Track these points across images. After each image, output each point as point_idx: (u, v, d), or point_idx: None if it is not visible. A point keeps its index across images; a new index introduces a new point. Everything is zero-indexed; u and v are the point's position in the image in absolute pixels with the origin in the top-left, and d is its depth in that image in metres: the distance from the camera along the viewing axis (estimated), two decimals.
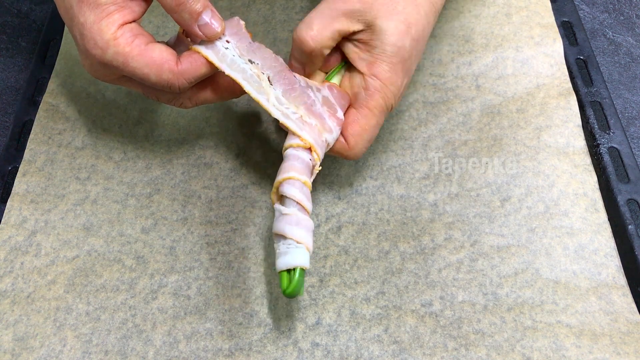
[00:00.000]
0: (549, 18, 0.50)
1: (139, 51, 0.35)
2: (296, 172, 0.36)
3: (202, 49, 0.36)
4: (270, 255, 0.41)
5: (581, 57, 0.49)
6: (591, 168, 0.43)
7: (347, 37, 0.39)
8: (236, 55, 0.37)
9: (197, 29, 0.36)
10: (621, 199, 0.42)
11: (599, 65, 0.49)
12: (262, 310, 0.39)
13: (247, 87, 0.37)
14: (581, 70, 0.48)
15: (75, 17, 0.35)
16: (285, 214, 0.35)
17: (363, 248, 0.41)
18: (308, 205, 0.36)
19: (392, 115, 0.46)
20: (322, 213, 0.43)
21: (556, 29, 0.49)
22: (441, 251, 0.40)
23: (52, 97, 0.49)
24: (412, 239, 0.41)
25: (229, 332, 0.39)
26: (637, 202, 0.42)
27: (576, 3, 0.53)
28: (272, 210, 0.43)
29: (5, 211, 0.44)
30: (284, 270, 0.34)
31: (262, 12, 0.53)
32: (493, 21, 0.50)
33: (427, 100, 0.47)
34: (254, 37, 0.52)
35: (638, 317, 0.37)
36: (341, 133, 0.39)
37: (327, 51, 0.39)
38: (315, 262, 0.41)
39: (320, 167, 0.37)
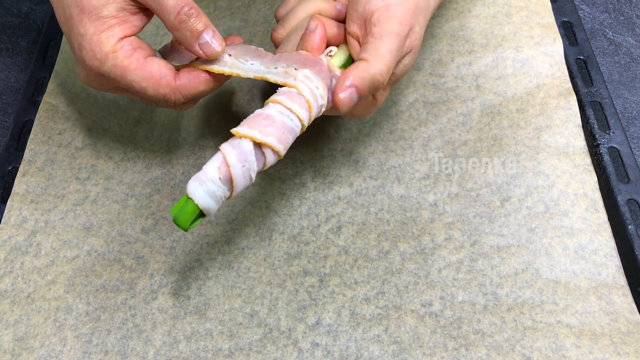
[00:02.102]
0: (549, 18, 0.50)
1: (138, 64, 0.35)
2: (280, 143, 0.34)
3: (206, 65, 0.36)
4: (270, 255, 0.41)
5: (581, 57, 0.49)
6: (591, 168, 0.43)
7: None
8: (247, 63, 0.37)
9: (197, 47, 0.36)
10: (621, 199, 0.42)
11: (599, 65, 0.49)
12: (262, 310, 0.39)
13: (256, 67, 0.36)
14: (581, 70, 0.48)
15: (74, 28, 0.36)
16: (249, 173, 0.33)
17: (363, 248, 0.41)
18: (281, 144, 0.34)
19: (392, 115, 0.46)
20: (322, 213, 0.43)
21: (556, 29, 0.49)
22: (441, 251, 0.40)
23: (52, 97, 0.49)
24: (412, 239, 0.41)
25: (229, 332, 0.39)
26: (637, 202, 0.42)
27: (576, 3, 0.53)
28: (272, 210, 0.43)
29: (5, 211, 0.44)
30: (193, 201, 0.33)
31: (262, 12, 0.53)
32: (493, 21, 0.50)
33: (427, 100, 0.47)
34: (254, 37, 0.52)
35: (638, 317, 0.37)
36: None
37: None
38: (316, 262, 0.41)
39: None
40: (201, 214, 0.34)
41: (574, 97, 0.46)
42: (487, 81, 0.47)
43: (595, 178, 0.42)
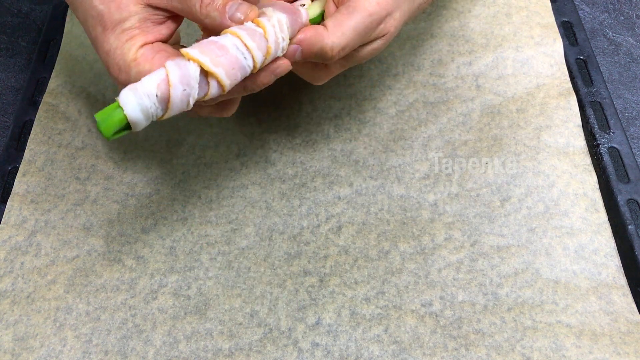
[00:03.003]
0: (549, 18, 0.50)
1: (160, 66, 0.34)
2: (228, 78, 0.33)
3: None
4: (270, 255, 0.41)
5: (581, 57, 0.49)
6: (591, 168, 0.43)
7: None
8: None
9: (228, 21, 0.34)
10: (621, 199, 0.42)
11: (599, 65, 0.49)
12: (262, 310, 0.39)
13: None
14: (581, 70, 0.48)
15: (101, 47, 0.35)
16: (190, 95, 0.32)
17: (363, 248, 0.41)
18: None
19: (392, 115, 0.47)
20: (322, 213, 0.43)
21: (556, 29, 0.49)
22: (441, 251, 0.40)
23: (52, 97, 0.49)
24: (412, 239, 0.41)
25: (229, 332, 0.39)
26: (637, 202, 0.42)
27: (576, 3, 0.53)
28: (272, 210, 0.43)
29: (5, 211, 0.44)
30: (123, 111, 0.31)
31: None
32: (493, 21, 0.50)
33: (427, 100, 0.47)
34: None
35: (638, 317, 0.37)
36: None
37: None
38: (316, 262, 0.41)
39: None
40: (127, 127, 0.32)
41: (574, 97, 0.46)
42: (487, 81, 0.47)
43: (595, 178, 0.42)
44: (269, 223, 0.43)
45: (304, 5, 0.37)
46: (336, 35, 0.35)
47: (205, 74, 0.32)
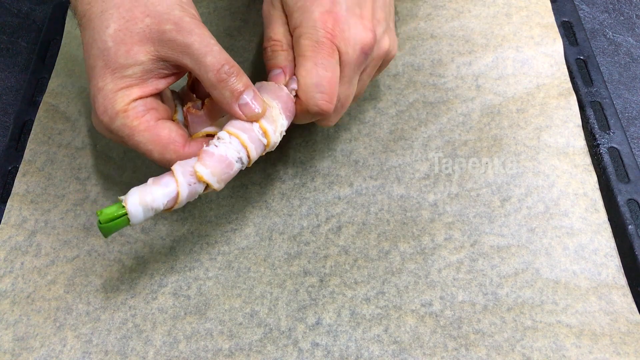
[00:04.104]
0: (549, 18, 0.50)
1: (147, 126, 0.35)
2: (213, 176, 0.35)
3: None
4: (270, 255, 0.41)
5: (581, 57, 0.49)
6: (591, 168, 0.43)
7: None
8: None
9: (237, 108, 0.35)
10: (621, 199, 0.42)
11: (599, 65, 0.49)
12: (262, 310, 0.39)
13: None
14: (581, 70, 0.48)
15: (94, 79, 0.35)
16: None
17: (363, 248, 0.41)
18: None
19: (392, 115, 0.46)
20: (322, 213, 0.43)
21: (556, 29, 0.49)
22: (441, 251, 0.40)
23: (52, 97, 0.49)
24: (412, 239, 0.41)
25: (229, 332, 0.39)
26: (637, 202, 0.42)
27: (576, 3, 0.53)
28: (272, 210, 0.43)
29: (5, 211, 0.44)
30: (122, 203, 0.33)
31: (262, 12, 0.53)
32: (493, 21, 0.50)
33: (427, 100, 0.47)
34: (254, 37, 0.52)
35: (638, 317, 0.37)
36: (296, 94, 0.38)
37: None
38: (316, 262, 0.41)
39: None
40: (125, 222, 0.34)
41: (574, 97, 0.46)
42: (487, 81, 0.47)
43: (595, 178, 0.42)
44: (269, 223, 0.43)
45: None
46: (309, 96, 0.37)
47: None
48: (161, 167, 0.36)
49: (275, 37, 0.38)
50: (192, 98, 0.39)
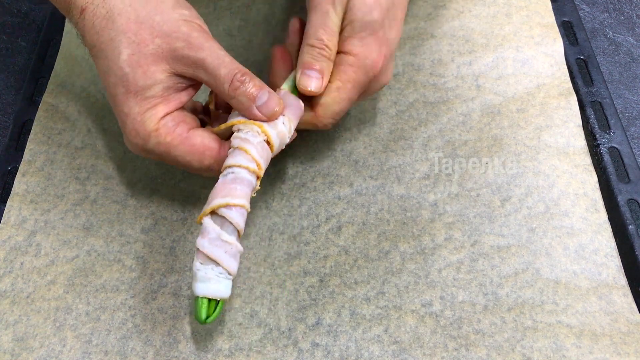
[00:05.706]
0: (549, 18, 0.50)
1: (180, 140, 0.36)
2: (243, 198, 0.35)
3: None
4: (270, 255, 0.41)
5: (581, 57, 0.49)
6: (591, 168, 0.43)
7: None
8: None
9: (256, 111, 0.36)
10: (621, 199, 0.42)
11: (599, 65, 0.49)
12: (262, 310, 0.39)
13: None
14: (581, 70, 0.48)
15: (118, 106, 0.36)
16: (225, 241, 0.34)
17: (363, 248, 0.41)
18: (242, 231, 0.35)
19: (392, 115, 0.46)
20: (322, 213, 0.43)
21: (556, 28, 0.49)
22: (441, 251, 0.40)
23: (52, 97, 0.49)
24: (412, 239, 0.41)
25: (229, 332, 0.39)
26: (638, 202, 0.42)
27: (576, 3, 0.53)
28: (272, 210, 0.43)
29: (5, 211, 0.44)
30: (204, 298, 0.34)
31: (262, 12, 0.53)
32: (493, 21, 0.50)
33: (427, 100, 0.47)
34: (254, 37, 0.52)
35: (638, 317, 0.37)
36: (311, 103, 0.39)
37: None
38: (316, 262, 0.41)
39: (260, 187, 0.37)
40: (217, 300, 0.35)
41: (574, 97, 0.46)
42: (487, 81, 0.47)
43: (595, 178, 0.42)
44: (269, 223, 0.43)
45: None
46: (325, 118, 0.38)
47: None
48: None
49: (327, 42, 0.38)
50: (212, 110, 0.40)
